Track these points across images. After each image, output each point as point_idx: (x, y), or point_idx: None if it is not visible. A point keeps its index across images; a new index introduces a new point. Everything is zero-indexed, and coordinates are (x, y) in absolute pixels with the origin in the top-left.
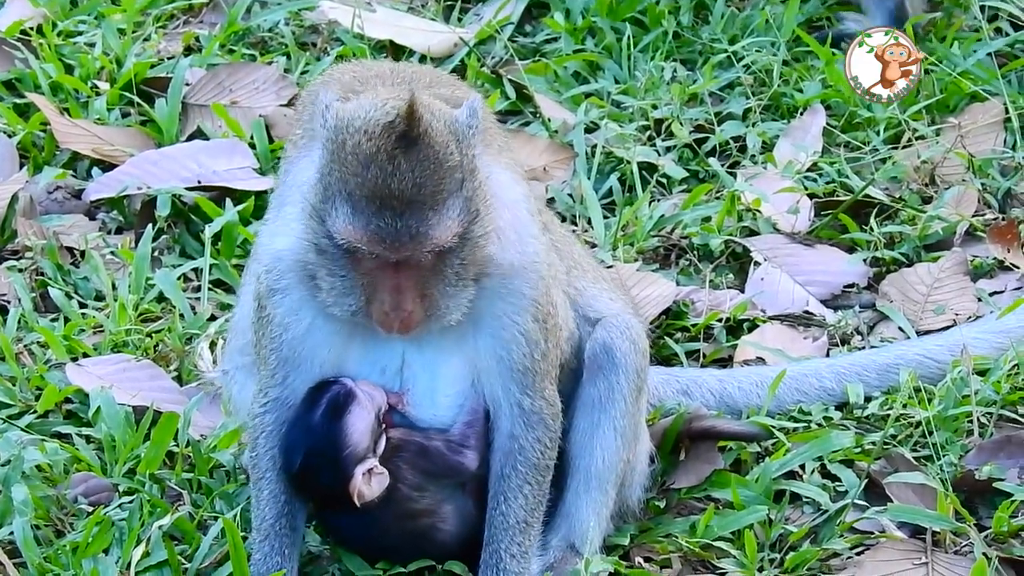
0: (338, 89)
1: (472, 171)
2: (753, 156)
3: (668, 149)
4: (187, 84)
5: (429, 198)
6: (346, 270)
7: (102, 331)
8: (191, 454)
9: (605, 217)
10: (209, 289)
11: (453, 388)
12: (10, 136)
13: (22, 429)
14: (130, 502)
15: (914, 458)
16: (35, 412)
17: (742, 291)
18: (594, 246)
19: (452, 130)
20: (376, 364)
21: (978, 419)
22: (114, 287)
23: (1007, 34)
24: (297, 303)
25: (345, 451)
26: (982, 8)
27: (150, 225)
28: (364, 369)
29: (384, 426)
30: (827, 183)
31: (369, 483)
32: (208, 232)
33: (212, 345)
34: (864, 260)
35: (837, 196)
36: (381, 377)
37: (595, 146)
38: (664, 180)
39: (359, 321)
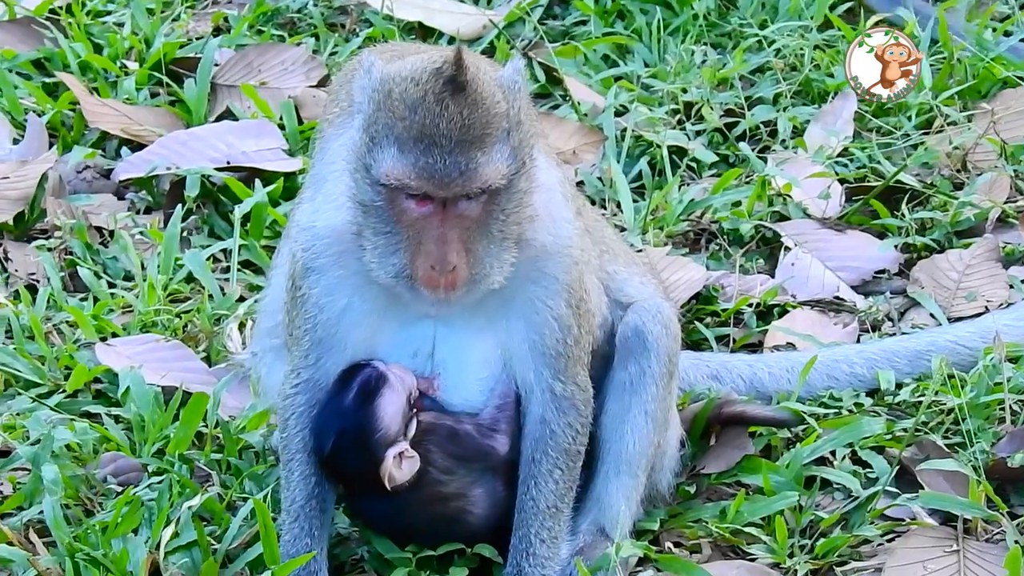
0: None
1: (518, 123)
2: (784, 141)
3: (698, 133)
4: (216, 64)
5: (477, 140)
6: (391, 224)
7: (131, 311)
8: (220, 435)
9: (635, 201)
10: (238, 270)
11: (484, 372)
12: (39, 115)
13: (51, 408)
14: (159, 482)
15: (946, 445)
16: (64, 392)
17: (772, 276)
18: (623, 230)
19: (498, 83)
20: (408, 347)
21: (1010, 406)
22: (143, 267)
23: None
24: (333, 283)
25: (376, 434)
26: None
27: (179, 205)
28: (396, 352)
29: (415, 409)
30: (858, 168)
31: (400, 466)
32: (237, 213)
33: (241, 326)
34: (895, 246)
35: (868, 182)
36: (413, 360)
37: (625, 129)
38: (694, 164)
39: (401, 291)
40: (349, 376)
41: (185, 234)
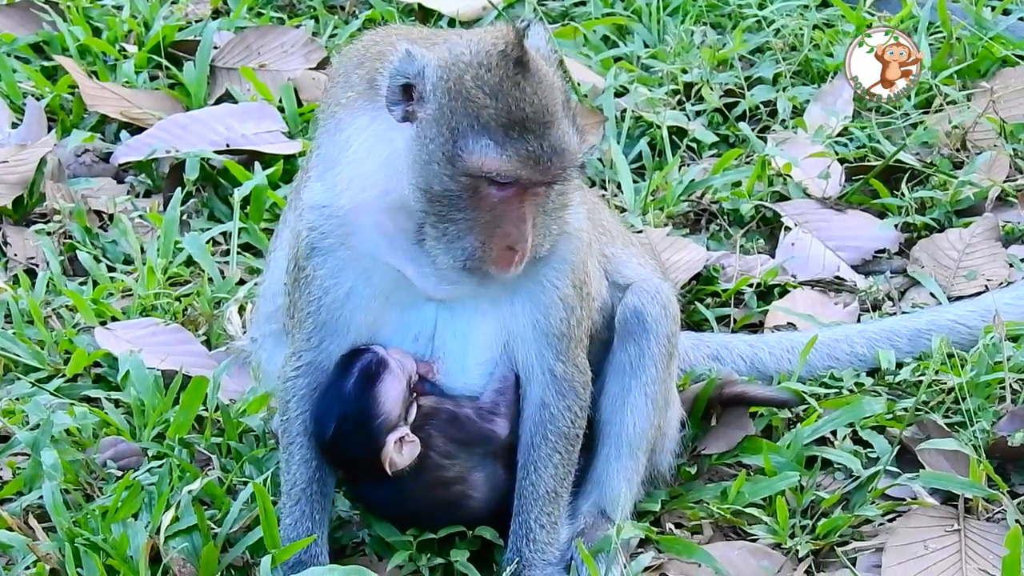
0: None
1: (567, 92)
2: (783, 121)
3: (698, 113)
4: (215, 47)
5: (556, 117)
6: (464, 211)
7: (131, 295)
8: (220, 418)
9: (635, 182)
10: (238, 253)
11: (484, 355)
12: (38, 99)
13: (51, 393)
14: (159, 466)
15: (946, 424)
16: (64, 376)
17: (773, 256)
18: (624, 211)
19: (542, 55)
20: (409, 331)
21: (1010, 385)
22: (143, 251)
23: None
24: (339, 265)
25: (377, 419)
26: None
27: (178, 189)
28: (397, 336)
29: (415, 394)
30: (858, 148)
31: (400, 451)
32: (237, 196)
33: (241, 309)
34: (895, 225)
35: (868, 161)
36: (414, 344)
37: (625, 110)
38: (694, 144)
39: (458, 273)
40: (349, 361)
41: (185, 217)
